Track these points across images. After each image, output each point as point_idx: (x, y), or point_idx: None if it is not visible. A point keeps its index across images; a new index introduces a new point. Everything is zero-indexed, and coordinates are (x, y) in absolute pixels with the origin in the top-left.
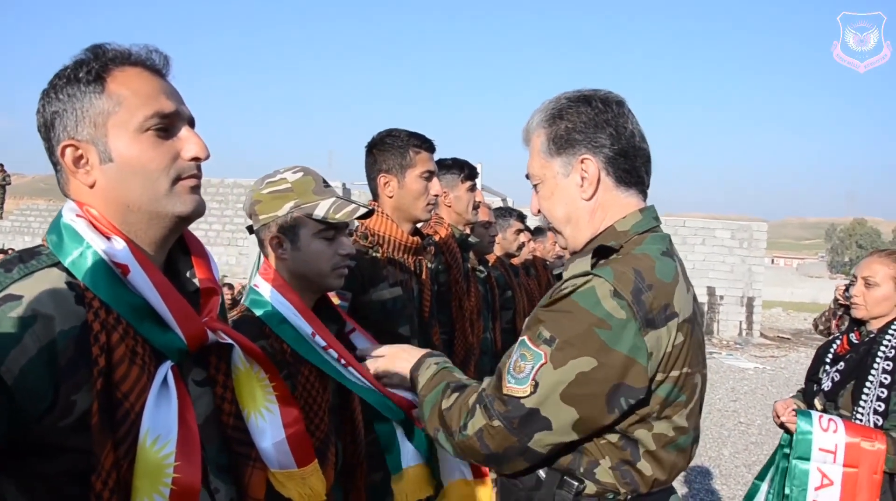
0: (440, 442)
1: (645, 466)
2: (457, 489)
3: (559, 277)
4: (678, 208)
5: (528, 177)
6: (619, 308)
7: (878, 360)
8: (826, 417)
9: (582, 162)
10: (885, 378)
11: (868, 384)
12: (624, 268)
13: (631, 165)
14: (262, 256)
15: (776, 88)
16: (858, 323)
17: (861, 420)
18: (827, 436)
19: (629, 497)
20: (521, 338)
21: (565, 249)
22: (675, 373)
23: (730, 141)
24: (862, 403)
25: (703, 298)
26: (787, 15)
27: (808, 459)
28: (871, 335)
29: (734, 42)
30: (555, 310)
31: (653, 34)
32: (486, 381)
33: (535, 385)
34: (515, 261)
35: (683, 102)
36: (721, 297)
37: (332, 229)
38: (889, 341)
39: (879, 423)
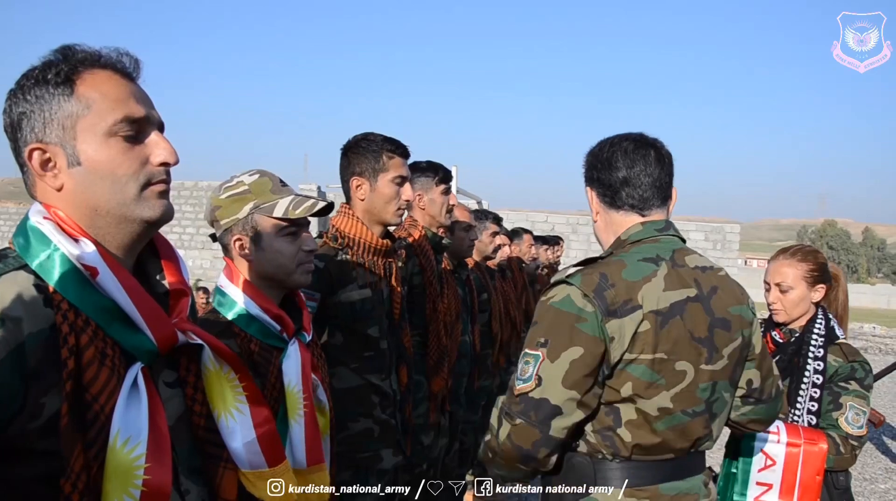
0: (496, 472)
1: (625, 433)
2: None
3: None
4: None
5: None
6: (588, 303)
7: (809, 360)
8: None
9: (588, 192)
10: (818, 378)
11: (803, 384)
12: (591, 272)
13: (616, 193)
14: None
15: (752, 90)
16: (777, 323)
17: (797, 421)
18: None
19: (614, 458)
20: (522, 352)
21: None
22: (645, 356)
23: (704, 142)
24: (798, 403)
25: None
26: (776, 16)
27: (752, 437)
28: (797, 334)
29: (713, 43)
30: (543, 320)
31: (631, 32)
32: (501, 399)
33: (539, 379)
34: (491, 263)
35: (658, 103)
36: None
37: (293, 226)
38: (816, 340)
39: (814, 422)
